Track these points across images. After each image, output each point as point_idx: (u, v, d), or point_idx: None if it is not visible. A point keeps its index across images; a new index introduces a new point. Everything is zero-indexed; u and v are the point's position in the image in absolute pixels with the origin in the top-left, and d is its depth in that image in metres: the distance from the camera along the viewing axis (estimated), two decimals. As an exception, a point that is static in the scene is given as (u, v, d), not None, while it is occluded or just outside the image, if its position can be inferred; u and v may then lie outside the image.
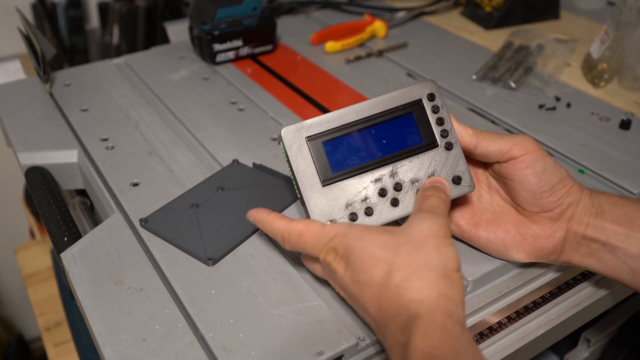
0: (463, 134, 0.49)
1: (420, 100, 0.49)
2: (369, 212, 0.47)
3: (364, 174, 0.47)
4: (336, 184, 0.47)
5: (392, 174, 0.48)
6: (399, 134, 0.48)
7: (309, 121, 0.47)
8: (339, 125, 0.47)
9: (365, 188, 0.47)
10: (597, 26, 1.01)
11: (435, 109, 0.49)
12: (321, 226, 0.44)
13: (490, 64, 0.85)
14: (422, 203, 0.45)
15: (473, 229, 0.52)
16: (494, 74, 0.82)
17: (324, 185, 0.46)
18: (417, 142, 0.49)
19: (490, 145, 0.48)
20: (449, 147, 0.49)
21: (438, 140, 0.49)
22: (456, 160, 0.49)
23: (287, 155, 0.47)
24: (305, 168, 0.47)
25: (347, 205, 0.47)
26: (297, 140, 0.47)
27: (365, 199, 0.47)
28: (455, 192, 0.49)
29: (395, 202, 0.47)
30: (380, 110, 0.48)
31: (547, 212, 0.48)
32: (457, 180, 0.49)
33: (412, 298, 0.39)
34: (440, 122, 0.49)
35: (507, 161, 0.48)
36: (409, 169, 0.48)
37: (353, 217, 0.46)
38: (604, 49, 0.82)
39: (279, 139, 0.47)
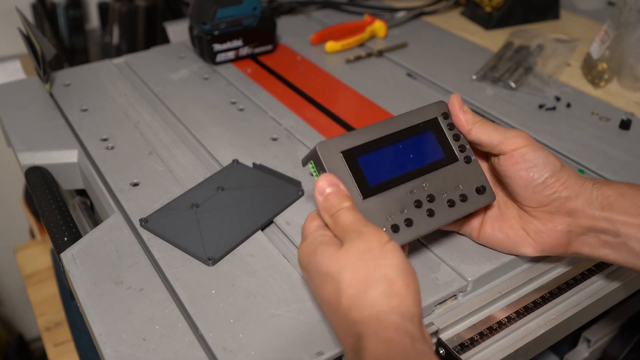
0: (461, 117, 0.50)
1: (436, 119, 0.51)
2: (408, 223, 0.47)
3: (399, 186, 0.48)
4: (375, 196, 0.47)
5: (424, 186, 0.49)
6: (423, 149, 0.50)
7: (340, 137, 0.48)
8: (369, 140, 0.48)
9: (402, 200, 0.48)
10: (597, 26, 1.01)
11: (451, 127, 0.52)
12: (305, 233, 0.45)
13: (490, 64, 0.85)
14: (337, 222, 0.43)
15: (480, 227, 0.52)
16: (494, 74, 0.82)
17: (364, 199, 0.46)
18: (440, 157, 0.51)
19: (482, 134, 0.49)
20: (468, 160, 0.51)
21: (457, 155, 0.51)
22: (477, 172, 0.51)
23: (321, 170, 0.46)
24: (343, 182, 0.47)
25: (388, 217, 0.47)
26: (333, 155, 0.47)
27: (403, 210, 0.47)
28: (480, 202, 0.50)
29: (431, 213, 0.48)
30: (403, 127, 0.50)
31: (545, 207, 0.48)
32: (481, 190, 0.50)
33: (356, 319, 0.38)
34: (456, 138, 0.51)
35: (497, 155, 0.49)
36: (437, 181, 0.50)
37: (395, 228, 0.46)
38: (604, 49, 0.82)
39: (310, 156, 0.47)
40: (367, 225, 0.42)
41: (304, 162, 0.48)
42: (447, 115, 0.52)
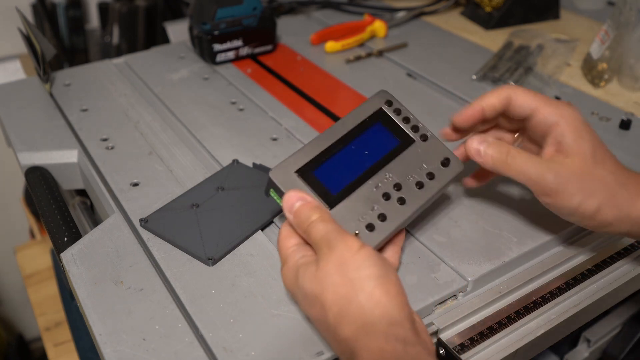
0: (484, 162, 0.48)
1: (380, 109, 0.52)
2: (382, 218, 0.47)
3: (362, 185, 0.48)
4: (341, 203, 0.47)
5: (387, 178, 0.49)
6: (376, 142, 0.50)
7: (291, 157, 0.48)
8: (320, 151, 0.48)
9: (369, 198, 0.48)
10: (597, 26, 1.01)
11: (398, 112, 0.52)
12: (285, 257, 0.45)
13: (490, 64, 0.85)
14: (310, 238, 0.43)
15: None
16: (494, 74, 0.82)
17: (331, 209, 0.46)
18: (395, 144, 0.51)
19: (519, 174, 0.46)
20: (424, 138, 0.51)
21: (412, 136, 0.51)
22: (437, 147, 0.51)
23: (282, 195, 0.46)
24: None
25: (360, 219, 0.47)
26: (288, 177, 0.47)
27: (373, 207, 0.47)
28: (448, 174, 0.50)
29: (402, 201, 0.48)
30: (350, 128, 0.50)
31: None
32: (446, 163, 0.51)
33: (345, 336, 0.38)
34: (406, 120, 0.52)
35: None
36: (399, 168, 0.50)
37: (370, 227, 0.46)
38: (604, 49, 0.82)
39: (268, 186, 0.47)
40: (337, 235, 0.41)
41: (266, 193, 0.48)
42: (390, 102, 0.52)
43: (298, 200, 0.44)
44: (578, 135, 0.46)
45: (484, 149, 0.48)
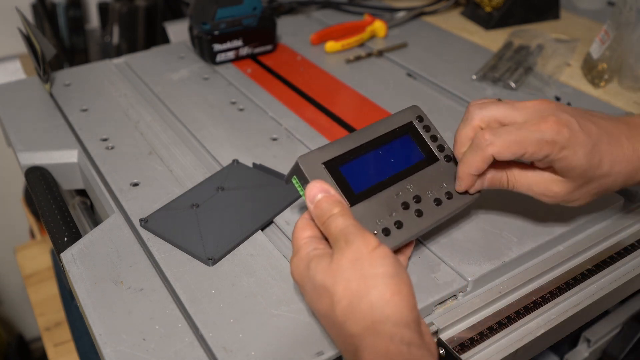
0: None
1: (411, 123, 0.53)
2: (398, 225, 0.47)
3: (384, 190, 0.48)
4: (362, 203, 0.47)
5: (409, 188, 0.49)
6: (402, 153, 0.51)
7: (319, 149, 0.48)
8: (348, 149, 0.49)
9: (388, 203, 0.48)
10: (597, 26, 1.01)
11: (427, 129, 0.53)
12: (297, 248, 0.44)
13: (490, 64, 0.85)
14: (328, 230, 0.43)
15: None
16: (494, 74, 0.82)
17: (351, 206, 0.47)
18: (420, 158, 0.51)
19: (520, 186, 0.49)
20: (448, 159, 0.52)
21: (437, 155, 0.52)
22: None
23: (305, 184, 0.46)
24: None
25: (378, 221, 0.47)
26: (315, 167, 0.47)
27: (392, 213, 0.48)
28: (465, 199, 0.50)
29: (419, 213, 0.48)
30: (380, 134, 0.51)
31: None
32: None
33: (351, 332, 0.38)
34: (434, 139, 0.52)
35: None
36: (421, 182, 0.50)
37: (386, 232, 0.47)
38: (604, 49, 0.82)
39: (293, 172, 0.47)
40: (356, 230, 0.41)
41: (287, 179, 0.48)
42: (421, 118, 0.53)
43: (321, 191, 0.44)
44: (568, 162, 0.46)
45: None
